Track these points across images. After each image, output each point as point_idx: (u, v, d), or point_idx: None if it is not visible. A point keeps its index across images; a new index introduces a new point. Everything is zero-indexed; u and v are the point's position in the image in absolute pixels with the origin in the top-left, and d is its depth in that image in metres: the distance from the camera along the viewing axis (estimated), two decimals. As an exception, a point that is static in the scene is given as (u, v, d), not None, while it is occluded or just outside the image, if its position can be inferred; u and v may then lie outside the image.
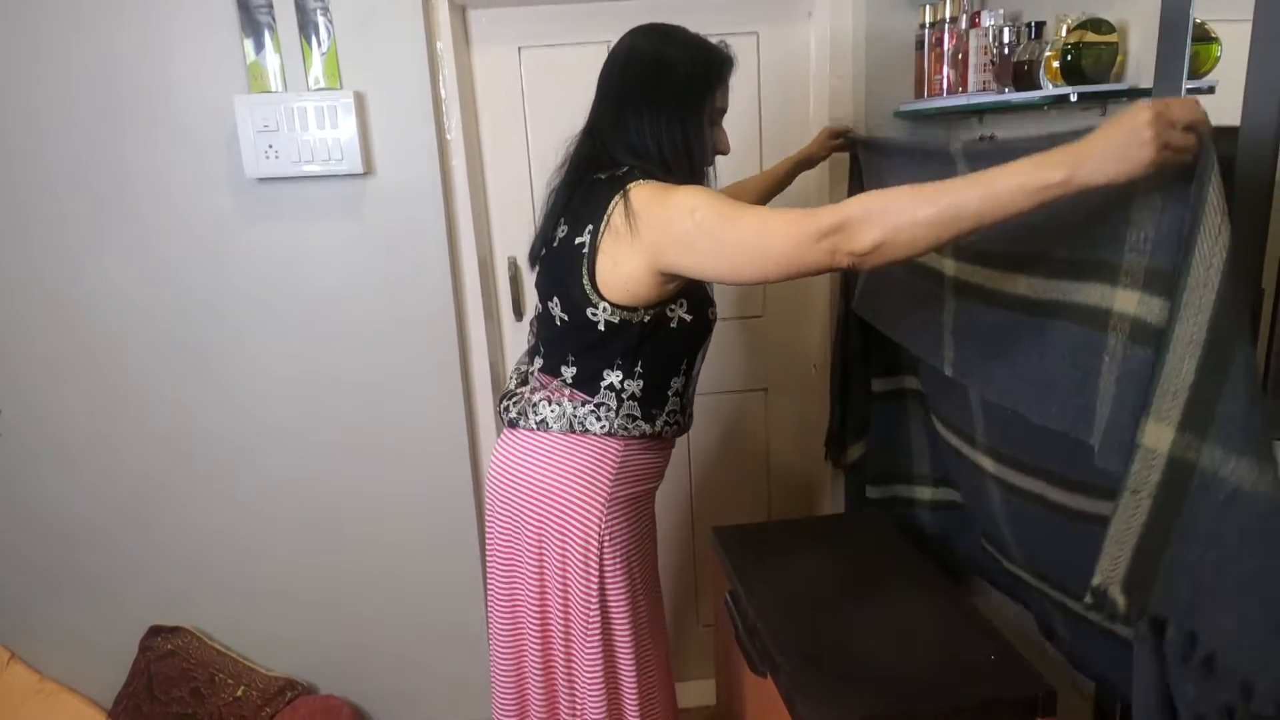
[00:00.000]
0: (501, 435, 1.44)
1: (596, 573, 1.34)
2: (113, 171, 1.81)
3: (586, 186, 1.28)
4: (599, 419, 1.31)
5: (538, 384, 1.37)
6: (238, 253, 1.88)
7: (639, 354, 1.29)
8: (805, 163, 1.81)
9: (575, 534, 1.33)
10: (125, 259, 1.87)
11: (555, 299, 1.31)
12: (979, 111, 1.71)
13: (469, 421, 2.03)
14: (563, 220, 1.31)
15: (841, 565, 1.63)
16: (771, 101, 2.01)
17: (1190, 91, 1.21)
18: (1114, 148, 0.85)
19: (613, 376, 1.30)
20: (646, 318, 1.26)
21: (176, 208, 1.84)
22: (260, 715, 2.01)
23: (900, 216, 0.99)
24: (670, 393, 1.35)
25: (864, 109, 1.87)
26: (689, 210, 1.14)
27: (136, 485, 2.00)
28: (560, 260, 1.29)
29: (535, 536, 1.37)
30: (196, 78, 1.77)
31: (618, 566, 1.35)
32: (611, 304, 1.24)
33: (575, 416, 1.31)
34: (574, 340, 1.30)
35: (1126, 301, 0.95)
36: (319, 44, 1.77)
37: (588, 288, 1.24)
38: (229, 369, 1.95)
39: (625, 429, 1.31)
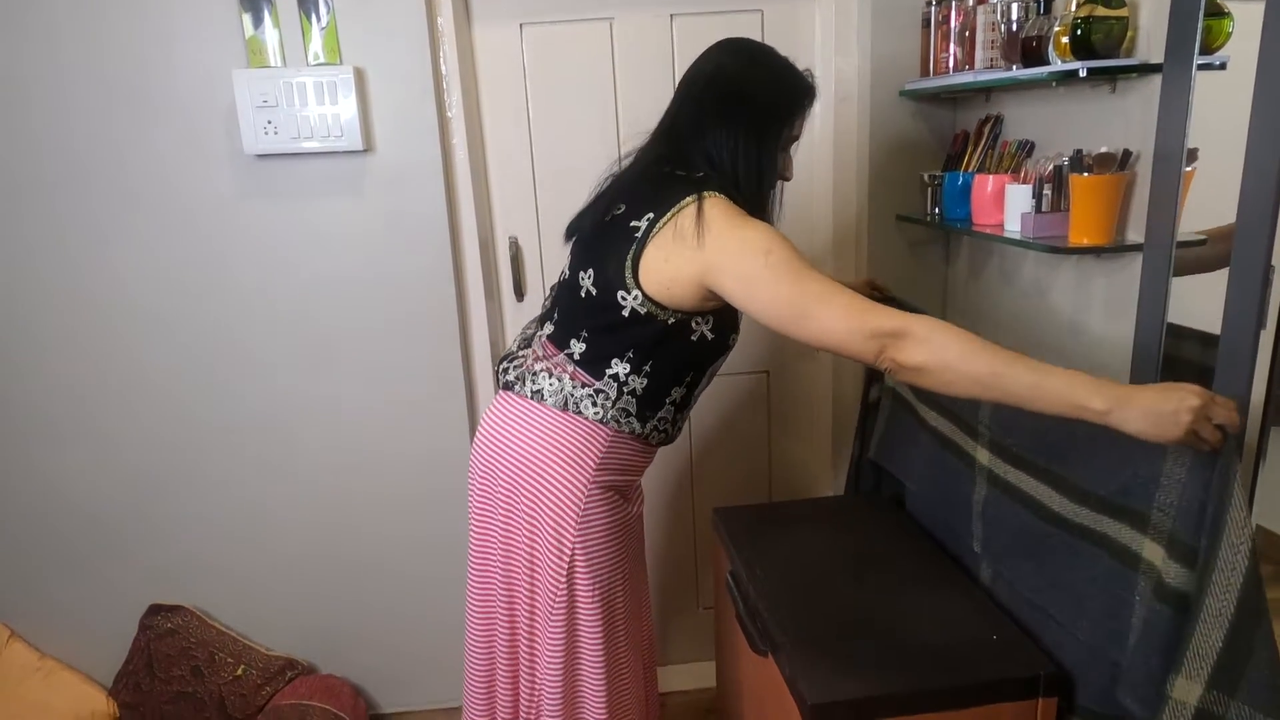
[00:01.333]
0: (495, 398, 1.42)
1: (568, 555, 1.32)
2: (109, 148, 1.80)
3: (657, 178, 1.27)
4: (595, 405, 1.29)
5: (541, 352, 1.35)
6: (236, 230, 1.87)
7: (652, 353, 1.28)
8: None
9: (549, 511, 1.32)
10: (122, 236, 1.85)
11: (590, 270, 1.29)
12: (986, 90, 1.69)
13: (469, 403, 2.02)
14: (621, 202, 1.28)
15: (843, 545, 1.62)
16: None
17: (1202, 68, 1.20)
18: (1153, 414, 0.93)
19: (620, 367, 1.28)
20: (671, 320, 1.25)
21: (175, 185, 1.83)
22: (260, 694, 2.01)
23: (954, 357, 1.03)
24: (669, 400, 1.33)
25: (869, 88, 1.85)
26: (764, 251, 1.14)
27: (134, 465, 2.00)
28: (609, 237, 1.27)
29: (507, 506, 1.36)
30: (195, 52, 1.75)
31: (590, 552, 1.33)
32: (644, 295, 1.23)
33: (573, 396, 1.30)
34: (594, 317, 1.28)
35: (1153, 554, 1.02)
36: (318, 19, 1.75)
37: (628, 271, 1.23)
38: (227, 348, 1.94)
39: (617, 420, 1.30)
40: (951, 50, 1.68)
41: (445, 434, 2.03)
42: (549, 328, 1.36)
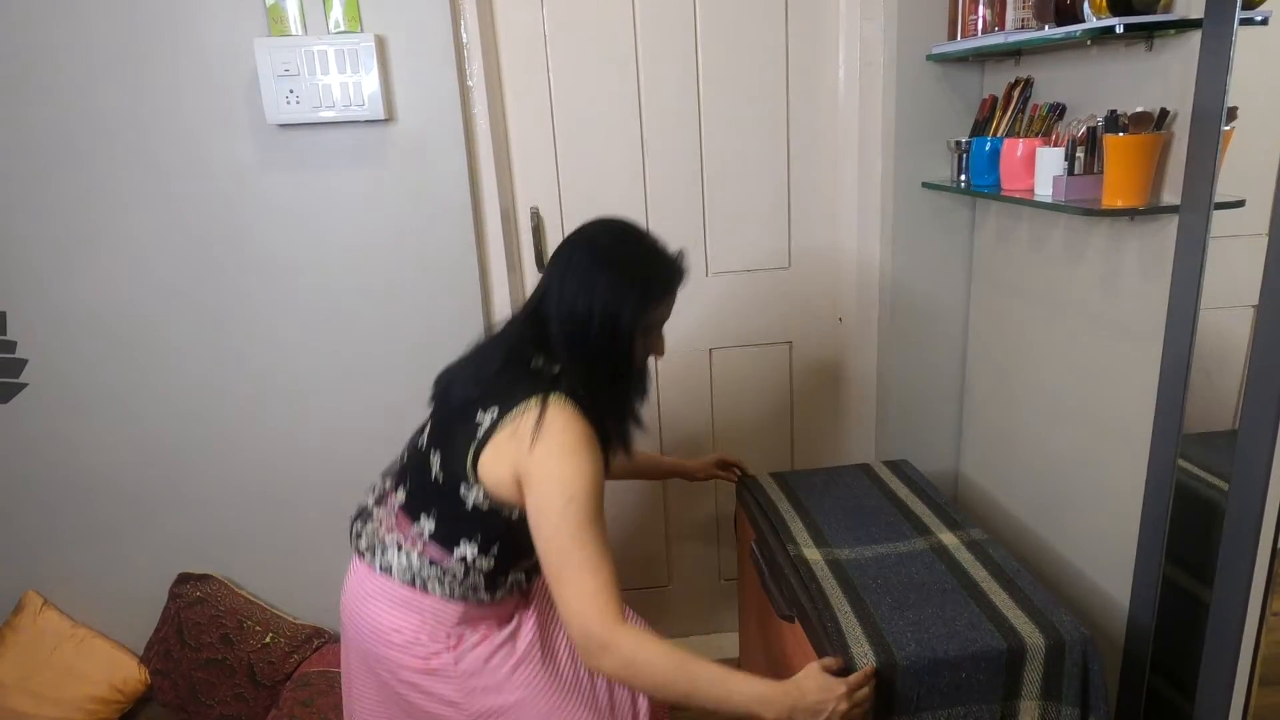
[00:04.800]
0: (351, 562, 1.38)
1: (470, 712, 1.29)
2: (133, 118, 1.80)
3: (515, 366, 1.23)
4: (442, 585, 1.25)
5: (393, 522, 1.30)
6: (259, 200, 1.87)
7: (500, 538, 1.24)
8: (684, 473, 1.79)
9: (427, 683, 1.29)
10: (147, 206, 1.86)
11: (439, 454, 1.25)
12: (1016, 52, 1.67)
13: (492, 373, 2.02)
14: (477, 384, 1.25)
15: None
16: (799, 47, 1.96)
17: (1243, 23, 1.17)
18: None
19: (468, 549, 1.24)
20: (514, 515, 1.21)
21: (198, 155, 1.83)
22: (289, 661, 2.04)
23: (646, 683, 1.14)
24: (519, 571, 1.31)
25: (895, 52, 1.82)
26: (568, 497, 1.13)
27: (160, 434, 2.01)
28: (458, 423, 1.23)
29: (380, 674, 1.33)
30: (215, 19, 1.75)
31: (489, 697, 1.29)
32: (485, 491, 1.20)
33: (420, 575, 1.25)
34: (442, 501, 1.24)
35: None
36: (339, -14, 1.74)
37: (469, 467, 1.19)
38: (250, 318, 1.95)
39: (465, 596, 1.27)
40: (981, 11, 1.65)
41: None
42: (402, 495, 1.30)
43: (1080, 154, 1.42)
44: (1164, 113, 1.30)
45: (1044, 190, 1.49)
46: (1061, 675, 1.23)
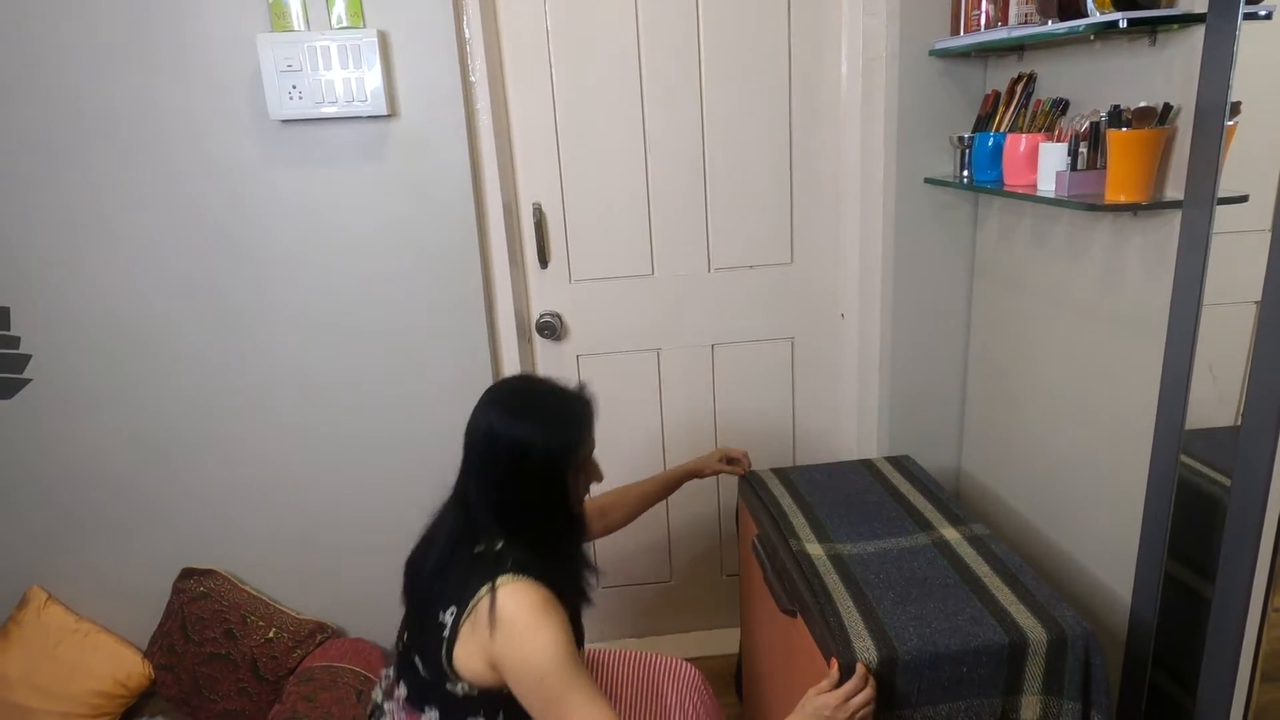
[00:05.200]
0: None
1: None
2: (140, 113, 1.80)
3: (462, 561, 1.23)
4: None
5: (403, 715, 1.30)
6: (262, 196, 1.87)
7: (503, 709, 1.24)
8: (694, 474, 1.79)
9: None
10: (149, 202, 1.86)
11: (418, 657, 1.25)
12: (1019, 47, 1.66)
13: (494, 368, 2.03)
14: (435, 581, 1.25)
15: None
16: (801, 42, 1.96)
17: (1247, 18, 1.16)
18: None
19: None
20: (507, 692, 1.20)
21: (200, 150, 1.83)
22: (292, 656, 2.04)
23: None
24: None
25: (898, 47, 1.82)
26: (539, 676, 1.13)
27: (163, 429, 2.02)
28: (426, 626, 1.23)
29: None
30: (218, 15, 1.75)
31: None
32: (471, 683, 1.20)
33: None
34: (437, 695, 1.25)
35: None
36: (341, -19, 1.74)
37: (447, 668, 1.20)
38: (253, 313, 1.95)
39: None
40: (984, 6, 1.65)
41: (471, 400, 2.02)
42: (404, 689, 1.30)
43: (1083, 149, 1.41)
44: (1167, 108, 1.30)
45: (1047, 186, 1.49)
46: (1063, 670, 1.23)
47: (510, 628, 1.15)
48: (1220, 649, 1.27)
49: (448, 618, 1.20)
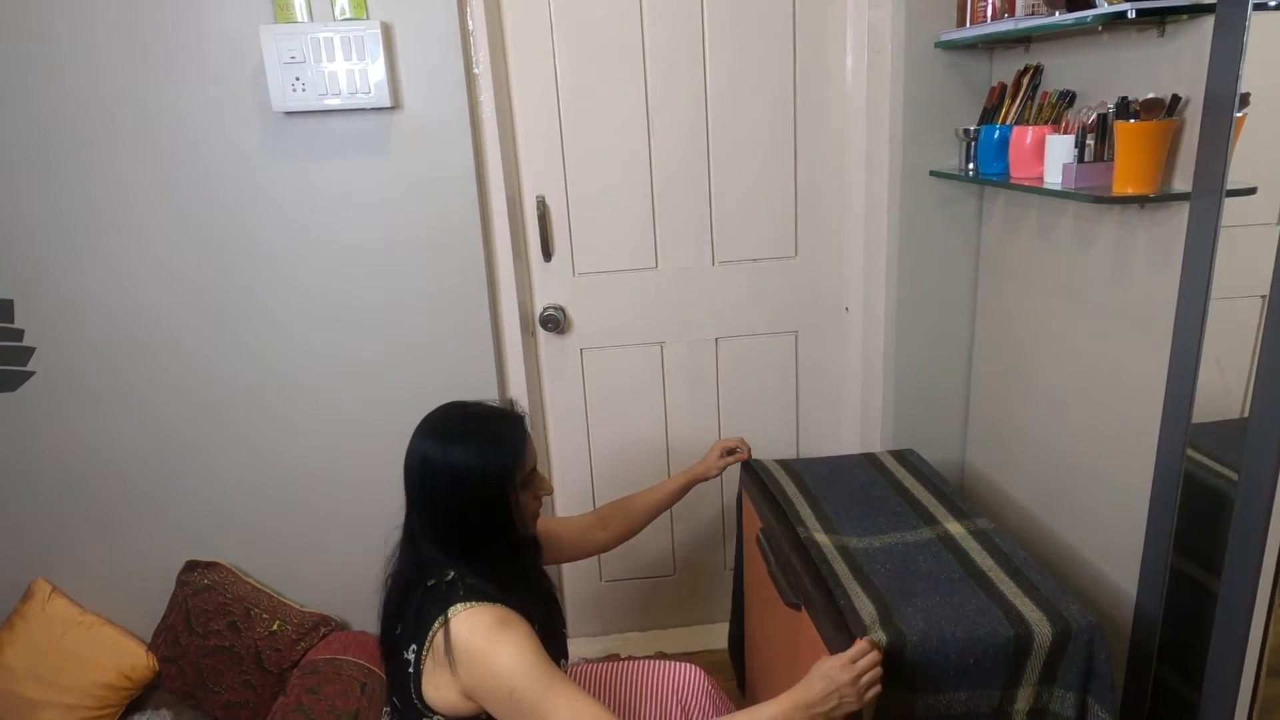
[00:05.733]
0: None
1: None
2: (140, 106, 1.79)
3: (417, 597, 1.23)
4: None
5: None
6: (265, 188, 1.86)
7: None
8: (700, 478, 1.78)
9: None
10: (153, 194, 1.85)
11: (396, 700, 1.25)
12: (1026, 39, 1.65)
13: (498, 361, 2.02)
14: (396, 618, 1.25)
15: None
16: (806, 34, 1.95)
17: (1257, 8, 1.16)
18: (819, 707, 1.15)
19: None
20: (486, 715, 1.20)
21: (204, 143, 1.83)
22: (296, 649, 2.05)
23: None
24: None
25: (903, 39, 1.81)
26: (508, 692, 1.12)
27: (167, 422, 2.02)
28: (394, 659, 1.24)
29: None
30: (221, 6, 1.74)
31: None
32: (448, 715, 1.20)
33: None
34: None
35: None
36: (344, -27, 1.73)
37: (419, 705, 1.20)
38: (256, 305, 1.95)
39: None
40: (990, -2, 1.64)
41: (473, 392, 2.01)
42: None
43: (1090, 141, 1.41)
44: (1176, 99, 1.29)
45: (1053, 178, 1.49)
46: (1067, 662, 1.23)
47: (469, 655, 1.14)
48: (1226, 643, 1.27)
49: (410, 655, 1.20)
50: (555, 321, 2.08)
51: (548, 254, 2.05)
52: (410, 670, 1.20)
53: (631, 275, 2.09)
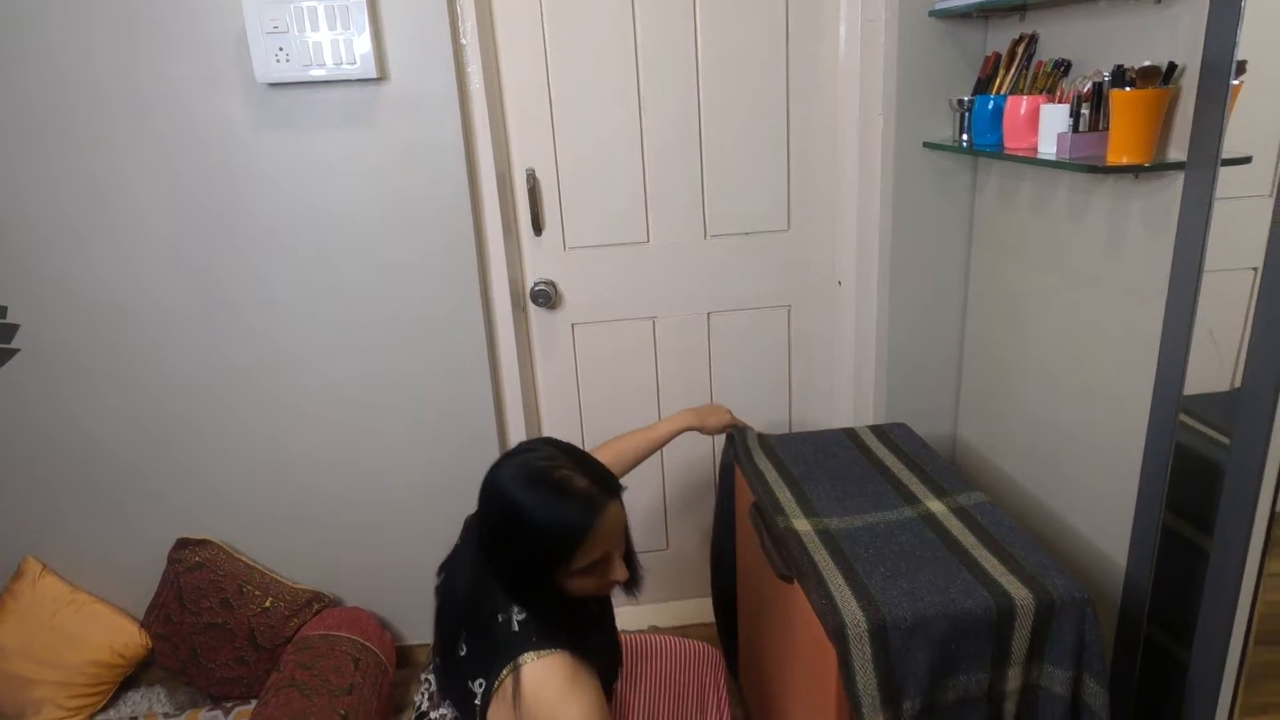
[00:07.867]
0: None
1: None
2: (121, 78, 1.76)
3: (485, 624, 1.18)
4: None
5: None
6: (251, 161, 1.84)
7: None
8: (692, 429, 1.77)
9: None
10: (137, 168, 1.83)
11: (452, 705, 1.23)
12: (1021, 7, 1.63)
13: (489, 338, 2.01)
14: (463, 641, 1.21)
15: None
16: (799, 4, 1.92)
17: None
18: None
19: None
20: None
21: (188, 115, 1.79)
22: (289, 625, 2.05)
23: None
24: None
25: (897, 8, 1.78)
26: None
27: (155, 398, 2.00)
28: (458, 688, 1.20)
29: None
30: (202, -24, 1.70)
31: None
32: None
33: None
34: None
35: None
36: (328, -60, 1.69)
37: None
38: (244, 280, 1.92)
39: None
40: (985, -35, 1.61)
41: (463, 368, 2.02)
42: (450, 713, 1.28)
43: (1085, 110, 1.39)
44: (1172, 67, 1.28)
45: (1048, 148, 1.47)
46: (1054, 636, 1.24)
47: (536, 704, 1.11)
48: (1217, 607, 1.28)
49: (476, 688, 1.17)
50: (546, 296, 2.06)
51: (538, 228, 2.03)
52: (476, 702, 1.18)
53: (623, 249, 2.07)
